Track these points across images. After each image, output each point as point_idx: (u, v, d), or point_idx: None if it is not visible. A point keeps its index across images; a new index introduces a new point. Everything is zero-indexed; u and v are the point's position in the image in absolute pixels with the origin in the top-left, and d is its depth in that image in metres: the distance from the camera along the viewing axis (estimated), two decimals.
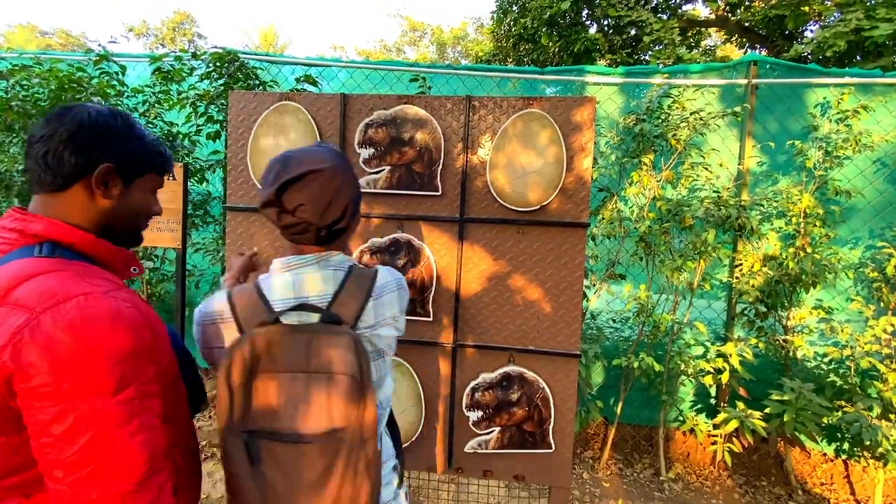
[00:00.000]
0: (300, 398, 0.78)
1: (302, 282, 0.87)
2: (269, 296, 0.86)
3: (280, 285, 0.87)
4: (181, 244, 1.83)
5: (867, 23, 3.89)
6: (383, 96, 1.62)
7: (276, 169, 0.85)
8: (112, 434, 0.64)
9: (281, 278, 0.88)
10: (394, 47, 18.49)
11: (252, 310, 0.85)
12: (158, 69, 2.61)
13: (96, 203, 0.77)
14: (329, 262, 0.91)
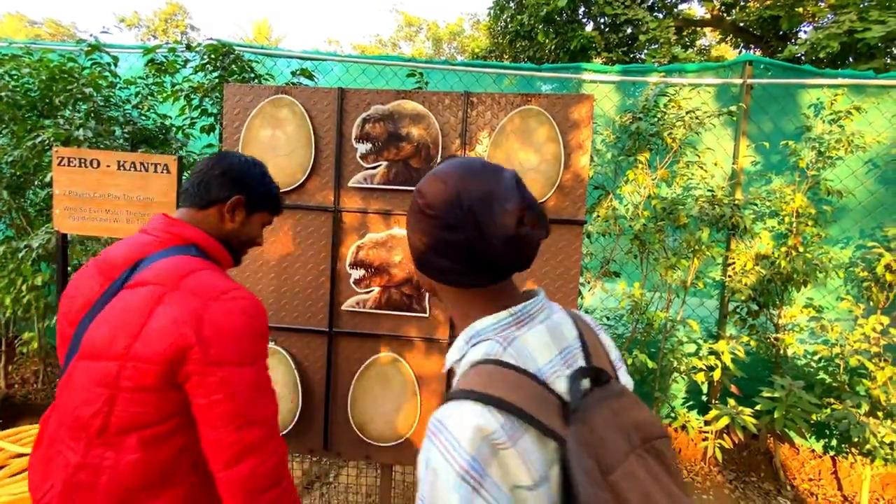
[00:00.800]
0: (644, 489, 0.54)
1: (559, 332, 0.64)
2: (528, 364, 0.58)
3: (538, 344, 0.61)
4: None
5: (860, 24, 3.93)
6: (381, 91, 1.61)
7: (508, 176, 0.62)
8: (257, 392, 0.86)
9: (534, 333, 0.62)
10: (389, 42, 18.39)
11: (537, 399, 0.55)
12: (152, 60, 2.58)
13: (224, 224, 1.01)
14: (547, 299, 0.69)
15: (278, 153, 1.62)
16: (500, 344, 0.60)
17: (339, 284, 1.64)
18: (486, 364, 0.58)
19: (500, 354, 0.58)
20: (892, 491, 2.72)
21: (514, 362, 0.58)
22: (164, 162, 1.77)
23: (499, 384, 0.54)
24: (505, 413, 0.52)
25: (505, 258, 0.60)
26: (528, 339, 0.61)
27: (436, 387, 1.63)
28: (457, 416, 0.52)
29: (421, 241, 0.64)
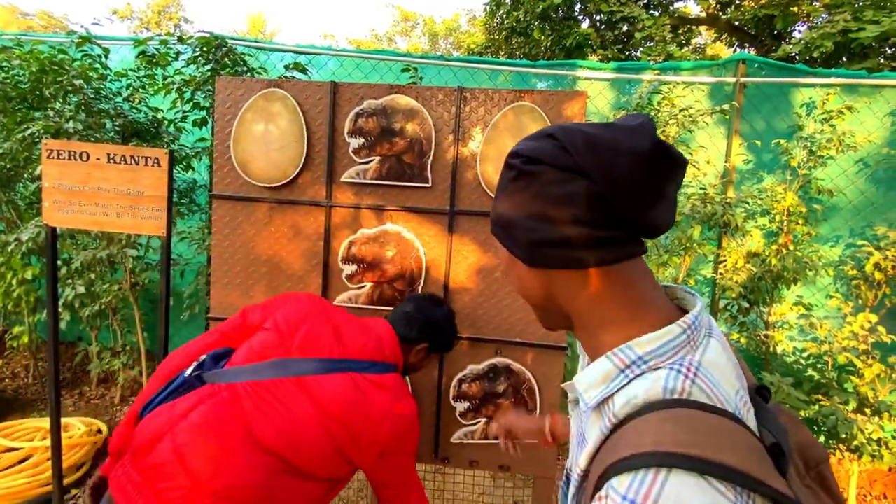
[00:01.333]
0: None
1: (727, 347, 0.50)
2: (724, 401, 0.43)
3: (723, 370, 0.46)
4: (166, 232, 1.80)
5: (854, 24, 3.95)
6: (374, 85, 1.61)
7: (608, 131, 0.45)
8: (411, 473, 1.17)
9: (714, 354, 0.46)
10: (385, 37, 18.29)
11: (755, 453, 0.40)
12: (143, 53, 2.55)
13: (408, 359, 1.25)
14: None
15: (270, 147, 1.61)
16: (685, 375, 0.43)
17: (330, 280, 1.64)
18: (674, 407, 0.41)
19: (689, 392, 0.42)
20: (879, 487, 2.76)
21: (709, 401, 0.42)
22: (155, 155, 1.75)
23: (712, 441, 0.38)
24: (735, 486, 0.36)
25: (650, 199, 0.44)
26: (712, 363, 0.45)
27: (427, 381, 1.63)
28: (668, 498, 0.36)
29: (530, 215, 0.47)
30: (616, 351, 0.47)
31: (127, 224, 1.77)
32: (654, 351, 0.45)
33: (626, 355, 0.46)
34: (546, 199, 0.46)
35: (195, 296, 2.76)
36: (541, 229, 0.47)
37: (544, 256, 0.48)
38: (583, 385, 0.50)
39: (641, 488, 0.37)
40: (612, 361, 0.47)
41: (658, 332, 0.46)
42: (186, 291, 2.75)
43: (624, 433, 0.43)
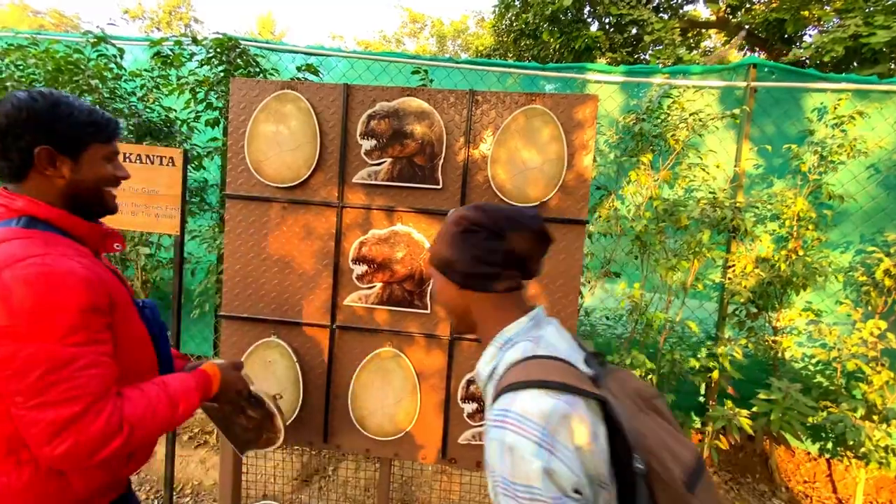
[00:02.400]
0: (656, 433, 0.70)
1: (562, 329, 0.82)
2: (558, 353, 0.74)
3: (556, 338, 0.77)
4: (179, 231, 1.82)
5: (865, 29, 3.92)
6: (386, 88, 1.62)
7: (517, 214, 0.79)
8: (59, 370, 0.76)
9: (550, 331, 0.78)
10: (393, 38, 18.35)
11: (575, 377, 0.70)
12: (158, 53, 2.58)
13: (54, 183, 0.86)
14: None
15: (283, 148, 1.63)
16: (533, 342, 0.74)
17: (341, 279, 1.66)
18: (528, 360, 0.72)
19: (536, 350, 0.73)
20: (886, 494, 2.73)
21: (547, 353, 0.72)
22: (171, 155, 1.78)
23: (547, 371, 0.68)
24: (558, 391, 0.65)
25: (534, 253, 0.78)
26: (548, 335, 0.77)
27: (435, 382, 1.64)
28: (521, 401, 0.65)
29: (469, 256, 0.77)
30: (496, 338, 0.78)
31: (141, 222, 1.80)
32: (516, 333, 0.77)
33: (500, 339, 0.78)
34: (480, 248, 0.76)
35: (205, 294, 2.78)
36: (475, 266, 0.77)
37: (473, 284, 0.78)
38: (480, 365, 0.80)
39: (503, 401, 0.67)
40: (494, 346, 0.78)
41: (517, 323, 0.78)
42: (196, 290, 2.78)
43: (500, 383, 0.72)
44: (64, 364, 0.76)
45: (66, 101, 0.86)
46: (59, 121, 0.84)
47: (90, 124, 0.88)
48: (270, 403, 1.25)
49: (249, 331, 1.68)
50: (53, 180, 0.86)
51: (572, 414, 0.64)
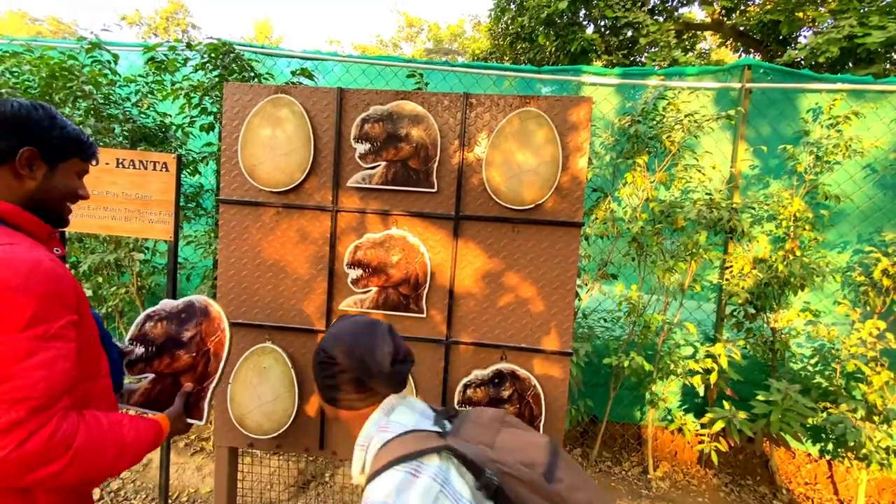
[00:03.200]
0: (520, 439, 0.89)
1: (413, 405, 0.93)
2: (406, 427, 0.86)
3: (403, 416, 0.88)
4: (173, 236, 1.81)
5: (860, 30, 3.94)
6: (380, 91, 1.62)
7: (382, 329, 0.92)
8: (13, 365, 0.71)
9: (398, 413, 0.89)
10: (390, 42, 18.41)
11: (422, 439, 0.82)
12: (152, 59, 2.58)
13: (23, 183, 0.86)
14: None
15: (277, 152, 1.62)
16: (382, 430, 0.85)
17: (336, 284, 1.65)
18: (381, 449, 0.81)
19: (385, 436, 0.83)
20: (887, 496, 2.72)
21: (394, 434, 0.82)
22: (164, 160, 1.77)
23: (389, 452, 0.78)
24: (405, 461, 0.75)
25: (386, 386, 0.89)
26: (396, 417, 0.87)
27: (432, 387, 1.63)
28: (376, 488, 0.74)
29: (328, 383, 0.90)
30: (357, 443, 0.88)
31: (135, 228, 1.79)
32: (369, 430, 0.87)
33: (360, 441, 0.87)
34: (337, 379, 0.89)
35: None
36: (333, 391, 0.91)
37: (334, 403, 0.92)
38: (354, 470, 0.89)
39: (367, 494, 0.75)
40: (357, 448, 0.88)
41: (369, 420, 0.89)
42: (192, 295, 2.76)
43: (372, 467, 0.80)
44: (17, 359, 0.70)
45: (62, 118, 0.92)
46: (51, 130, 0.88)
47: (77, 141, 0.93)
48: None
49: (244, 336, 1.67)
50: (24, 181, 0.86)
51: (419, 478, 0.73)
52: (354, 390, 0.88)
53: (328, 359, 0.89)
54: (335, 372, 0.88)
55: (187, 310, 1.23)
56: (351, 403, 0.90)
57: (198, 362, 1.19)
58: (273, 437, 1.65)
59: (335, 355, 0.88)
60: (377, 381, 0.87)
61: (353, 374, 0.87)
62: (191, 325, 1.21)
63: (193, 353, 1.20)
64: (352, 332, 0.90)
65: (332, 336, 0.91)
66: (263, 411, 1.64)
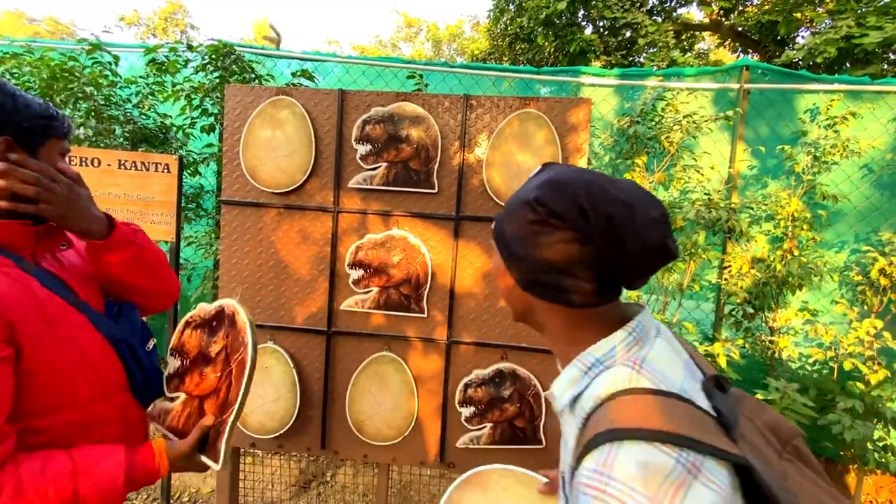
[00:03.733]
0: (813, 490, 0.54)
1: (674, 343, 0.60)
2: (669, 385, 0.52)
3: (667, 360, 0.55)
4: (175, 237, 1.82)
5: (857, 30, 3.96)
6: (381, 93, 1.63)
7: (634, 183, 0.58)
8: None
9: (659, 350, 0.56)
10: (389, 43, 18.42)
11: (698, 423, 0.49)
12: (153, 60, 2.59)
13: None
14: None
15: (278, 154, 1.63)
16: (632, 368, 0.53)
17: (337, 285, 1.66)
18: (626, 395, 0.51)
19: (636, 380, 0.52)
20: (885, 494, 2.74)
21: (654, 386, 0.51)
22: (165, 161, 1.78)
23: (654, 415, 0.48)
24: (677, 447, 0.45)
25: (641, 273, 0.55)
26: (656, 357, 0.54)
27: (433, 386, 1.64)
28: (624, 462, 0.45)
29: (539, 257, 0.55)
30: (580, 358, 0.58)
31: None
32: (607, 353, 0.56)
33: (586, 361, 0.57)
34: (558, 252, 0.55)
35: (202, 300, 2.78)
36: (545, 272, 0.56)
37: (540, 291, 0.58)
38: (557, 389, 0.60)
39: (601, 458, 0.47)
40: (577, 368, 0.58)
41: (610, 338, 0.56)
42: (193, 296, 2.77)
43: (590, 423, 0.52)
44: None
45: (21, 92, 0.79)
46: (18, 111, 0.76)
47: (48, 117, 0.80)
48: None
49: None
50: None
51: (693, 481, 0.44)
52: (588, 275, 0.55)
53: (550, 217, 0.54)
54: (560, 241, 0.54)
55: (217, 317, 1.01)
56: (571, 297, 0.56)
57: (221, 386, 0.95)
58: (275, 437, 1.66)
59: (562, 212, 0.53)
60: (628, 264, 0.54)
61: (594, 246, 0.53)
62: (218, 337, 1.00)
63: (219, 374, 0.97)
64: (588, 178, 0.55)
65: (553, 183, 0.55)
66: (265, 411, 1.65)
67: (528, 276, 0.58)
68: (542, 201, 0.55)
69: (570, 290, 0.56)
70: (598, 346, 0.57)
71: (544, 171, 0.60)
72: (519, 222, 0.57)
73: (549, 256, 0.55)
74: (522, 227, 0.57)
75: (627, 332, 0.56)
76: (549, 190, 0.55)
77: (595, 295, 0.56)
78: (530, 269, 0.57)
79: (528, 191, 0.57)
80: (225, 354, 0.96)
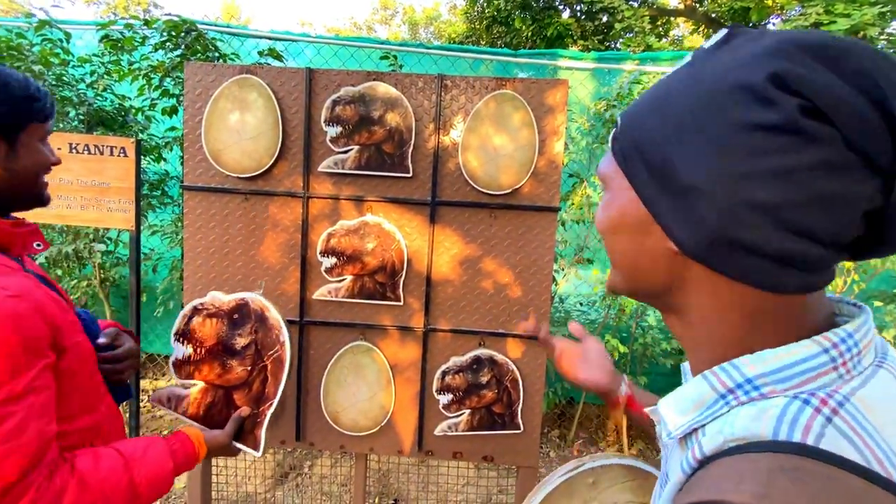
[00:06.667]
0: None
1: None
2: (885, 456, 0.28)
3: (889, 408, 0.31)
4: (135, 226, 1.73)
5: (826, 17, 4.03)
6: (351, 72, 1.56)
7: None
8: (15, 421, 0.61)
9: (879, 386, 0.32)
10: (364, 25, 17.99)
11: None
12: (107, 36, 2.43)
13: None
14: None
15: (243, 136, 1.55)
16: (816, 409, 0.30)
17: (309, 273, 1.60)
18: (791, 456, 0.28)
19: (822, 434, 0.29)
20: None
21: (855, 456, 0.28)
22: (121, 144, 1.68)
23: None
24: None
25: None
26: (873, 401, 0.30)
27: (410, 375, 1.61)
28: None
29: (759, 201, 0.30)
30: (717, 369, 0.35)
31: (92, 217, 1.70)
32: (772, 373, 0.32)
33: (729, 375, 0.34)
34: (804, 188, 0.28)
35: (169, 290, 2.67)
36: (758, 228, 0.30)
37: (730, 262, 0.32)
38: (668, 409, 0.38)
39: None
40: (708, 382, 0.35)
41: (783, 347, 0.32)
42: (160, 287, 2.66)
43: (703, 475, 0.31)
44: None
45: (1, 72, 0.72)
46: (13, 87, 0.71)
47: (27, 100, 0.73)
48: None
49: None
50: None
51: None
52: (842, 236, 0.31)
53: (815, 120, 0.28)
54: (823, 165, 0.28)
55: (240, 310, 1.07)
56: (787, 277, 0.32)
57: (253, 380, 1.03)
58: None
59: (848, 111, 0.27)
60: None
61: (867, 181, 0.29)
62: (244, 331, 1.05)
63: (248, 368, 1.04)
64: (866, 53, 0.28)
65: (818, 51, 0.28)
66: None
67: (718, 231, 0.32)
68: (799, 85, 0.28)
69: (794, 260, 0.31)
70: (758, 356, 0.33)
71: (760, 36, 0.31)
72: (723, 127, 0.30)
73: (783, 197, 0.29)
74: (732, 139, 0.30)
75: (822, 348, 0.32)
76: (808, 65, 0.28)
77: (820, 273, 0.33)
78: (728, 225, 0.31)
79: (744, 64, 0.30)
80: (255, 349, 1.06)
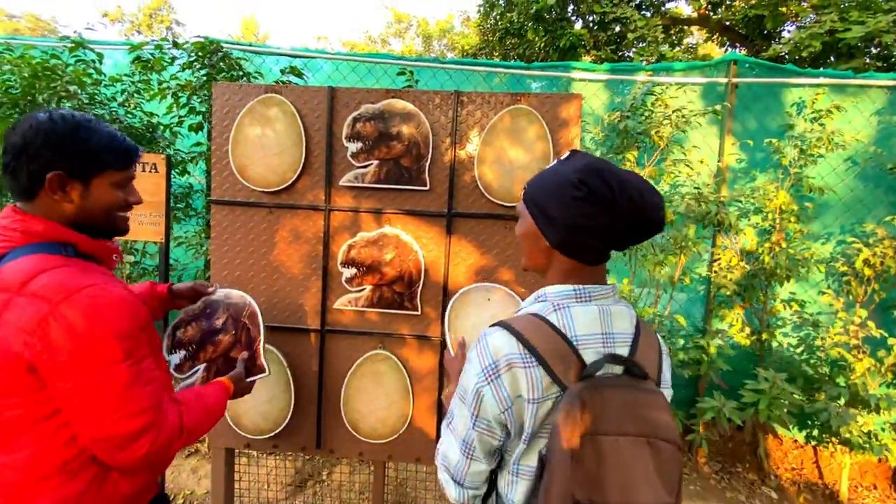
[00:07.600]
0: (628, 467, 0.64)
1: (608, 318, 0.74)
2: (567, 329, 0.71)
3: (584, 318, 0.72)
4: (164, 238, 1.80)
5: (841, 25, 4.00)
6: (371, 90, 1.62)
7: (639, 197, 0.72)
8: (127, 389, 0.81)
9: (585, 310, 0.73)
10: (379, 38, 18.28)
11: (558, 354, 0.69)
12: (138, 58, 2.54)
13: (62, 207, 0.86)
14: (622, 298, 0.81)
15: (268, 152, 1.62)
16: (553, 307, 0.74)
17: (330, 283, 1.65)
18: (532, 316, 0.73)
19: (547, 314, 0.73)
20: (869, 478, 2.80)
21: (555, 324, 0.71)
22: (153, 161, 1.76)
23: (531, 330, 0.71)
24: (525, 347, 0.70)
25: (636, 241, 0.74)
26: (578, 311, 0.73)
27: (428, 383, 1.64)
28: (493, 335, 0.73)
29: (574, 223, 0.71)
30: (540, 290, 0.79)
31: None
32: (553, 293, 0.76)
33: (539, 292, 0.79)
34: (590, 220, 0.71)
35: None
36: (574, 234, 0.73)
37: (567, 249, 0.75)
38: (528, 303, 0.81)
39: (490, 328, 0.75)
40: (533, 294, 0.80)
41: (559, 286, 0.76)
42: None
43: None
44: (128, 384, 0.82)
45: (87, 125, 0.87)
46: (74, 146, 0.85)
47: (107, 151, 0.88)
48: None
49: None
50: (63, 205, 0.86)
51: (523, 369, 0.69)
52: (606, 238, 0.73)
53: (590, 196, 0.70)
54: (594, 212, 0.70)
55: (210, 305, 1.36)
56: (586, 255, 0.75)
57: (240, 336, 1.34)
58: (269, 437, 1.65)
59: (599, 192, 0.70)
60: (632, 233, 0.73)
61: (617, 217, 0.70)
62: (219, 314, 1.35)
63: (233, 332, 1.35)
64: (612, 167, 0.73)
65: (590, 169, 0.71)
66: (259, 411, 1.64)
67: (563, 236, 0.74)
68: (586, 182, 0.70)
69: (589, 247, 0.73)
70: (552, 287, 0.77)
71: (576, 158, 0.75)
72: (563, 197, 0.72)
73: (582, 223, 0.71)
74: (565, 200, 0.71)
75: (573, 289, 0.75)
76: (590, 174, 0.71)
77: (599, 254, 0.75)
78: (566, 232, 0.73)
79: (569, 173, 0.72)
80: (232, 320, 1.35)
